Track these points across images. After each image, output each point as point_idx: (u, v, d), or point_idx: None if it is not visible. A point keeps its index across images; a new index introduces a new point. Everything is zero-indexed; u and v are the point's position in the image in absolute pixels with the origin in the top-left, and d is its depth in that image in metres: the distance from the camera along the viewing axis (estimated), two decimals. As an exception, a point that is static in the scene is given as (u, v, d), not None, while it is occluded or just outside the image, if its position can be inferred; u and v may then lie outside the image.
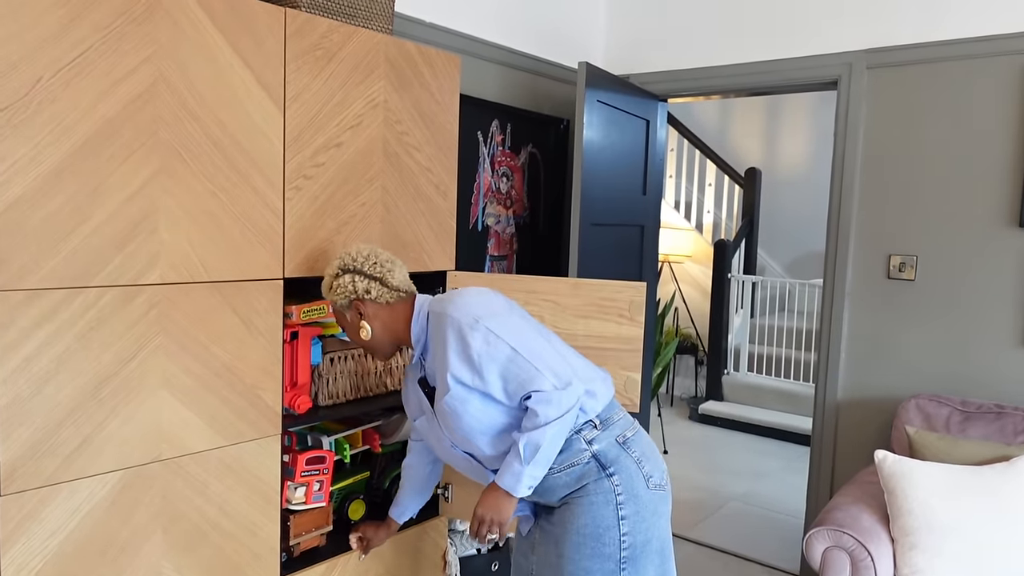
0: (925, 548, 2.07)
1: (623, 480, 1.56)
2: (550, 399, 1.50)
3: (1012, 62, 2.56)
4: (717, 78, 3.21)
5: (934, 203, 2.74)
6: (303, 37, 1.83)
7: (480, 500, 1.58)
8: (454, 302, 1.61)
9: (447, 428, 1.66)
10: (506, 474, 1.54)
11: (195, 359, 1.69)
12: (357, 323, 1.73)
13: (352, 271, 1.71)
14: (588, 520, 1.55)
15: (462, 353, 1.55)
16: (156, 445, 1.64)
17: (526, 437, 1.51)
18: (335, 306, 1.75)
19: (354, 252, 1.74)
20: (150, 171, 1.58)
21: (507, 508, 1.54)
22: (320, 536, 2.09)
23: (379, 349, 1.77)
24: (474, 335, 1.54)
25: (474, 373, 1.55)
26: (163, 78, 1.58)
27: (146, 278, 1.59)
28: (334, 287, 1.72)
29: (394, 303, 1.73)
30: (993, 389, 2.64)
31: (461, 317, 1.57)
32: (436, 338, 1.62)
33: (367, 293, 1.70)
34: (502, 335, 1.54)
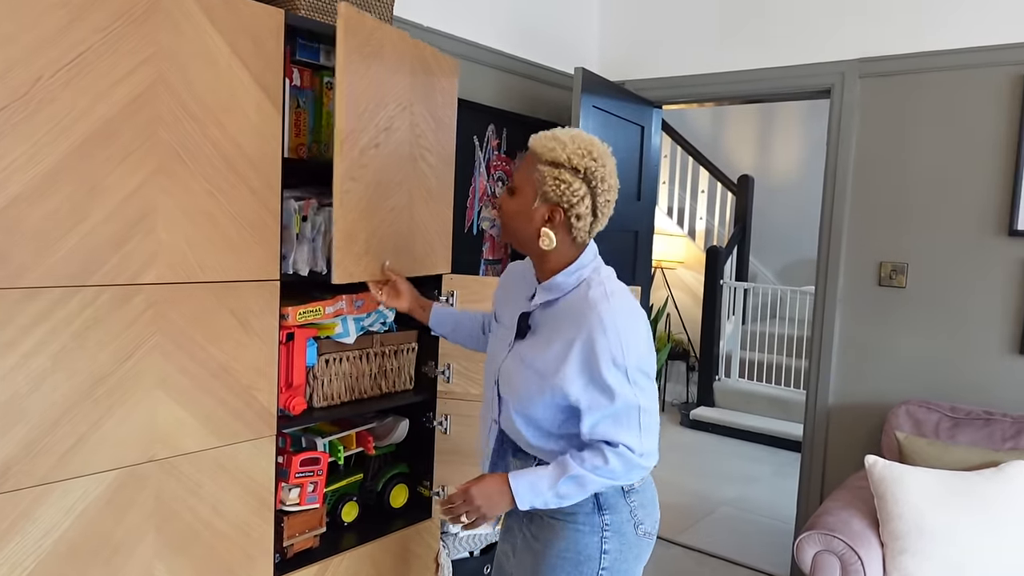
0: (914, 552, 2.09)
1: (613, 520, 1.50)
2: (631, 463, 1.41)
3: (1002, 72, 2.59)
4: (711, 85, 3.24)
5: (925, 211, 2.77)
6: (354, 33, 1.79)
7: (480, 484, 1.46)
8: (613, 322, 1.38)
9: (509, 377, 1.52)
10: (526, 484, 1.43)
11: (191, 359, 1.69)
12: (540, 221, 1.45)
13: (589, 186, 1.42)
14: (570, 545, 1.50)
15: (593, 377, 1.39)
16: (151, 445, 1.64)
17: (578, 471, 1.40)
18: (538, 181, 1.43)
19: (599, 166, 1.43)
20: (148, 171, 1.58)
21: (501, 508, 1.45)
22: (314, 537, 2.09)
23: (519, 241, 1.51)
24: (619, 376, 1.38)
25: (593, 398, 1.39)
26: (162, 79, 1.58)
27: (143, 278, 1.59)
28: (559, 175, 1.41)
29: (576, 242, 1.48)
30: (982, 395, 2.66)
31: (620, 352, 1.38)
32: (574, 323, 1.41)
33: (577, 219, 1.44)
34: (639, 390, 1.40)
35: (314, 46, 1.99)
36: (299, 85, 1.98)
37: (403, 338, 2.36)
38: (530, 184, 1.45)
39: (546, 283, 1.50)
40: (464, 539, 2.51)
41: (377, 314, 2.25)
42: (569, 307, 1.45)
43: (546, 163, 1.43)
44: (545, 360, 1.44)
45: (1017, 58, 2.55)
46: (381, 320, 2.28)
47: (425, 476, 2.42)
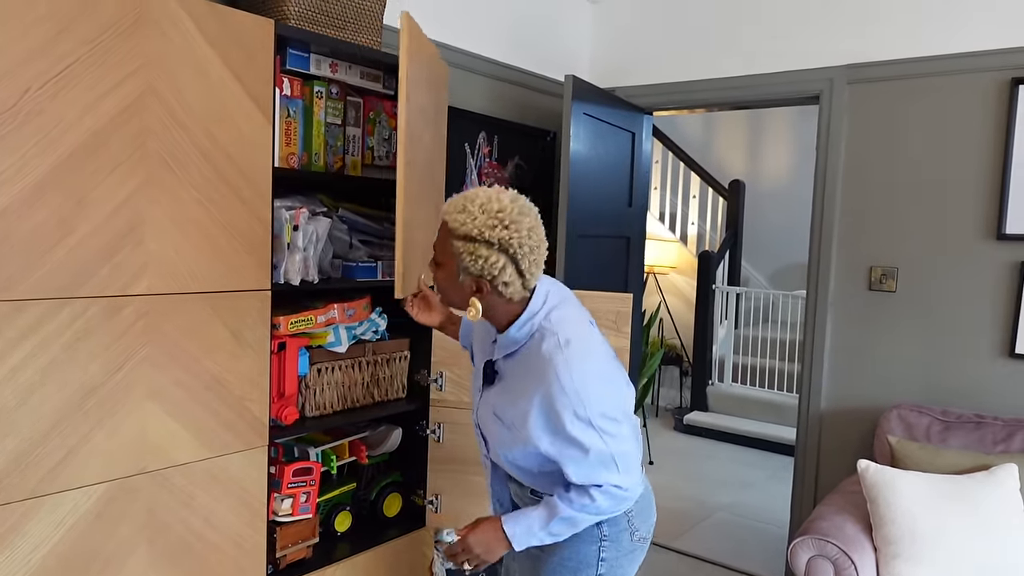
0: (908, 557, 2.09)
1: (611, 528, 1.52)
2: (617, 498, 1.43)
3: (989, 78, 2.61)
4: (702, 92, 3.25)
5: (914, 216, 2.78)
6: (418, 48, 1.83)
7: (477, 531, 1.48)
8: (568, 376, 1.35)
9: (484, 423, 1.54)
10: (520, 526, 1.45)
11: (182, 370, 1.68)
12: (467, 294, 1.43)
13: (506, 253, 1.36)
14: (571, 554, 1.52)
15: (558, 432, 1.38)
16: (142, 457, 1.63)
17: (567, 512, 1.42)
18: (456, 255, 1.39)
19: (514, 233, 1.36)
20: (137, 182, 1.58)
21: (499, 552, 1.47)
22: (307, 548, 2.08)
23: (458, 308, 1.50)
24: (584, 428, 1.37)
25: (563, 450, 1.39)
26: (151, 90, 1.58)
27: (133, 289, 1.59)
28: (475, 251, 1.36)
29: (516, 300, 1.44)
30: (973, 399, 2.67)
31: (581, 405, 1.35)
32: (533, 379, 1.39)
33: (504, 285, 1.39)
34: (609, 437, 1.39)
35: (304, 55, 1.99)
36: (289, 94, 1.98)
37: (395, 346, 2.36)
38: (450, 258, 1.41)
39: (501, 337, 1.48)
40: (458, 548, 2.50)
41: (369, 323, 2.25)
42: (527, 360, 1.43)
43: (459, 238, 1.38)
44: (512, 415, 1.44)
45: (1004, 63, 2.57)
46: (373, 329, 2.28)
47: (419, 485, 2.42)
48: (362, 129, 2.18)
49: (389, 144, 2.26)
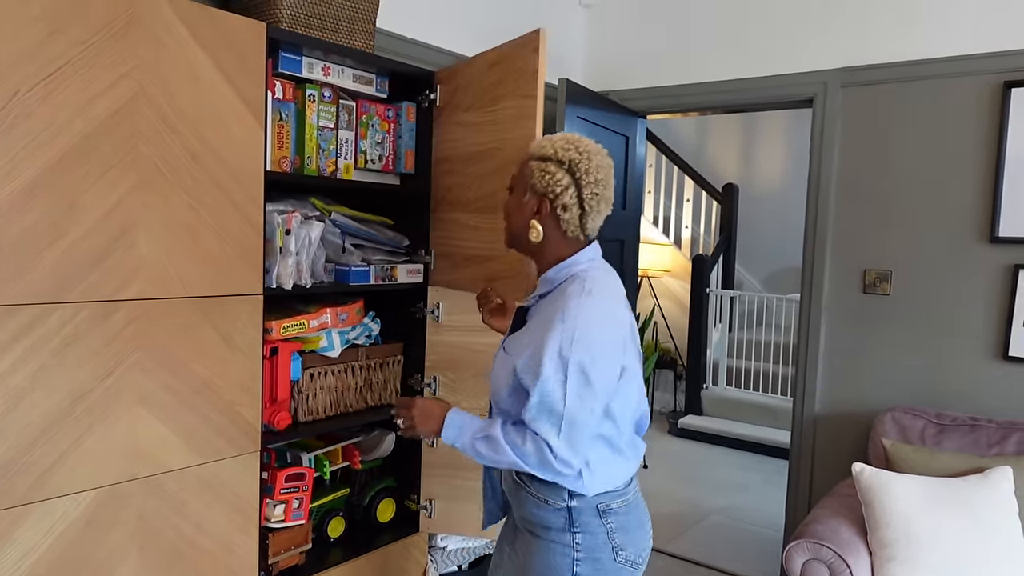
0: (903, 560, 2.09)
1: (585, 541, 1.45)
2: (545, 459, 1.37)
3: (983, 81, 2.62)
4: (695, 95, 3.25)
5: (908, 219, 2.79)
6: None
7: (426, 402, 1.53)
8: (575, 315, 1.37)
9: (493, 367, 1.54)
10: (458, 420, 1.47)
11: (173, 375, 1.67)
12: (529, 213, 1.48)
13: (573, 177, 1.44)
14: (541, 562, 1.46)
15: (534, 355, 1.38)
16: (132, 463, 1.61)
17: (496, 433, 1.41)
18: (528, 175, 1.48)
19: (584, 160, 1.44)
20: (128, 185, 1.56)
21: (429, 428, 1.50)
22: (299, 554, 2.06)
23: (517, 239, 1.54)
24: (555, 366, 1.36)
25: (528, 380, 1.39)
26: (143, 92, 1.57)
27: (124, 293, 1.57)
28: (545, 168, 1.45)
29: (568, 237, 1.49)
30: (967, 402, 2.67)
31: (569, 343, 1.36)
32: (549, 311, 1.42)
33: (563, 209, 1.45)
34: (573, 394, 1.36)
35: (296, 58, 1.98)
36: (281, 98, 1.97)
37: (388, 351, 2.35)
38: (522, 179, 1.51)
39: (542, 276, 1.52)
40: (452, 553, 2.49)
41: (362, 327, 2.24)
42: (552, 300, 1.46)
43: (535, 158, 1.49)
44: (518, 345, 1.46)
45: (997, 66, 2.58)
46: (366, 333, 2.27)
47: (412, 490, 2.40)
48: (355, 132, 2.17)
49: (382, 147, 2.25)
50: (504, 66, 1.95)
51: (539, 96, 1.84)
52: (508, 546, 1.63)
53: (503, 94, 1.96)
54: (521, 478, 1.50)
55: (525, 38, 1.88)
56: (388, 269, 2.20)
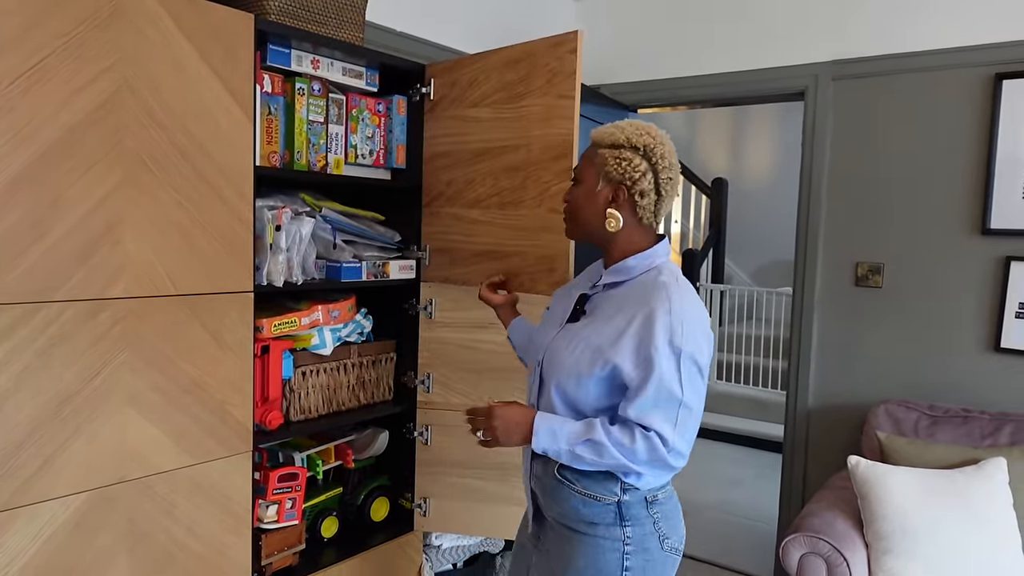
0: (899, 553, 2.09)
1: (635, 533, 1.42)
2: (657, 454, 1.34)
3: (974, 73, 2.62)
4: (687, 88, 3.24)
5: (899, 211, 2.79)
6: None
7: (507, 408, 1.44)
8: (681, 306, 1.36)
9: (555, 353, 1.48)
10: (547, 427, 1.40)
11: (162, 375, 1.64)
12: (604, 203, 1.47)
13: (649, 162, 1.44)
14: (589, 563, 1.42)
15: (644, 353, 1.35)
16: (121, 465, 1.58)
17: (600, 437, 1.35)
18: (599, 164, 1.47)
19: (658, 145, 1.45)
20: (114, 181, 1.53)
21: (516, 437, 1.42)
22: (293, 555, 2.03)
23: (586, 231, 1.51)
24: (669, 358, 1.34)
25: (638, 374, 1.35)
26: (128, 85, 1.53)
27: (110, 292, 1.54)
28: (619, 154, 1.44)
29: (644, 224, 1.48)
30: (959, 393, 2.68)
31: (680, 334, 1.34)
32: (640, 300, 1.39)
33: (640, 196, 1.44)
34: (686, 383, 1.35)
35: (285, 51, 1.95)
36: (270, 91, 1.93)
37: (381, 348, 2.32)
38: (592, 169, 1.48)
39: (616, 265, 1.49)
40: (447, 551, 2.46)
41: (354, 324, 2.21)
42: (637, 287, 1.44)
43: (606, 146, 1.47)
44: (603, 334, 1.41)
45: (988, 59, 2.58)
46: (358, 330, 2.24)
47: (406, 488, 2.38)
48: (345, 127, 2.14)
49: (372, 142, 2.22)
50: (529, 64, 1.94)
51: (577, 96, 1.84)
52: (534, 548, 1.59)
53: (527, 92, 1.95)
54: (565, 475, 1.46)
55: (559, 39, 1.88)
56: (380, 265, 2.17)
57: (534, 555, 1.59)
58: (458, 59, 2.15)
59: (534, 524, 1.60)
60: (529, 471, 1.56)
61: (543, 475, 1.51)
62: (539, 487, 1.53)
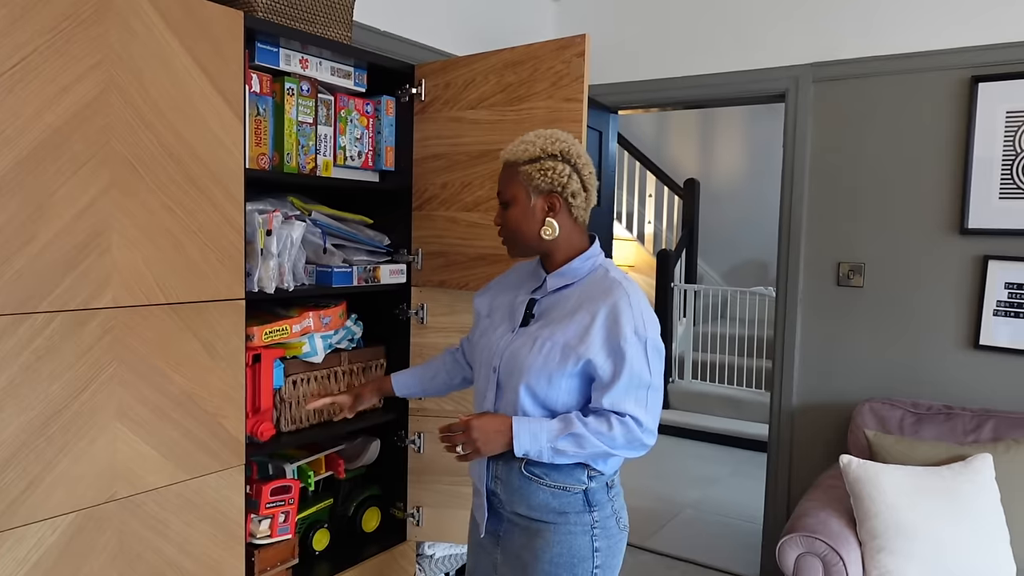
0: (893, 550, 2.11)
1: (601, 518, 1.51)
2: (633, 435, 1.43)
3: (951, 76, 2.66)
4: (668, 90, 3.24)
5: (879, 212, 2.82)
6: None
7: (483, 419, 1.46)
8: (637, 299, 1.46)
9: (515, 356, 1.50)
10: (527, 430, 1.43)
11: (153, 388, 1.56)
12: (541, 215, 1.51)
13: (571, 165, 1.51)
14: (564, 550, 1.48)
15: (613, 346, 1.42)
16: (111, 483, 1.51)
17: (580, 429, 1.41)
18: (525, 181, 1.51)
19: (571, 146, 1.52)
20: (101, 185, 1.45)
21: (497, 447, 1.45)
22: (286, 570, 1.97)
23: (531, 246, 1.55)
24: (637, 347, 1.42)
25: (610, 364, 1.42)
26: (114, 84, 1.46)
27: (98, 301, 1.46)
28: (542, 166, 1.49)
29: (579, 225, 1.56)
30: (940, 391, 2.72)
31: (642, 324, 1.44)
32: (598, 297, 1.46)
33: (573, 196, 1.51)
34: (652, 367, 1.45)
35: (274, 50, 1.88)
36: (258, 91, 1.87)
37: (371, 354, 2.27)
38: (519, 187, 1.53)
39: (560, 270, 1.55)
40: (440, 560, 2.42)
41: (345, 330, 2.15)
42: (589, 286, 1.51)
43: (525, 163, 1.51)
44: (568, 332, 1.46)
45: (965, 61, 2.62)
46: (349, 337, 2.18)
47: (398, 498, 2.33)
48: (333, 128, 2.08)
49: (361, 144, 2.16)
50: (532, 67, 1.92)
51: (585, 100, 1.84)
52: (497, 547, 1.60)
53: (529, 95, 1.93)
54: (533, 471, 1.49)
55: (564, 42, 1.87)
56: (371, 270, 2.12)
57: (497, 553, 1.60)
58: (451, 60, 2.10)
59: (489, 523, 1.62)
60: (487, 474, 1.57)
61: (507, 475, 1.53)
62: (502, 487, 1.55)
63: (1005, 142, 2.57)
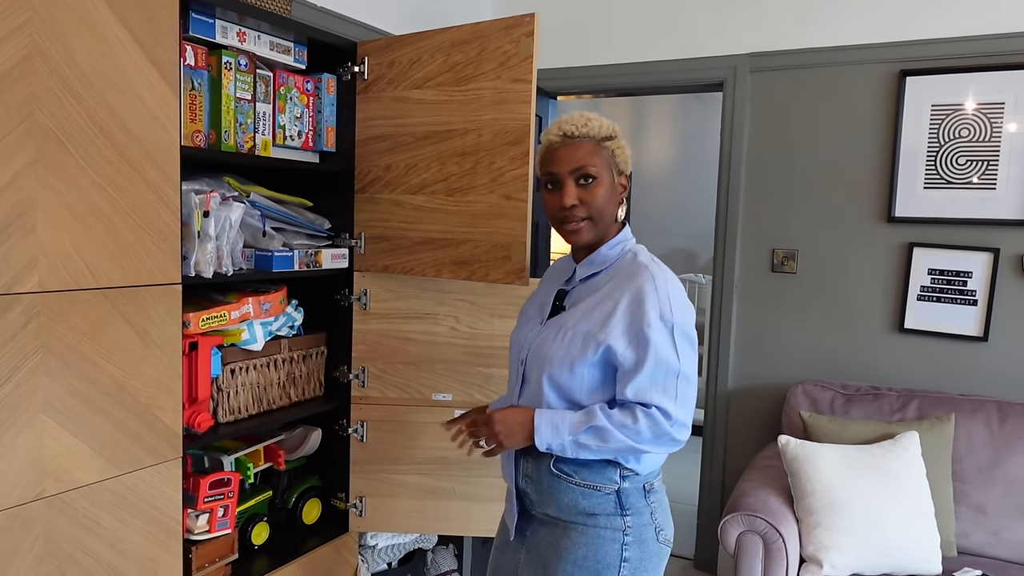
0: (828, 526, 2.18)
1: (635, 524, 1.42)
2: (661, 429, 1.34)
3: (881, 69, 2.76)
4: (607, 77, 3.25)
5: (812, 200, 2.91)
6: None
7: (506, 414, 1.42)
8: (665, 282, 1.39)
9: (540, 347, 1.45)
10: (548, 422, 1.38)
11: (82, 378, 1.46)
12: (621, 195, 1.49)
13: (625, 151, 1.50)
14: (589, 552, 1.40)
15: (637, 332, 1.36)
16: (37, 480, 1.40)
17: (603, 422, 1.34)
18: (609, 158, 1.46)
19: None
20: (24, 160, 1.34)
21: (519, 438, 1.41)
22: (225, 566, 1.89)
23: (608, 229, 1.48)
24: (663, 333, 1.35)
25: (632, 352, 1.36)
26: (38, 51, 1.35)
27: (22, 286, 1.35)
28: (618, 144, 1.47)
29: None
30: (868, 372, 2.84)
31: (669, 309, 1.36)
32: (624, 283, 1.41)
33: (628, 172, 1.51)
34: (682, 354, 1.37)
35: (209, 21, 1.78)
36: (193, 64, 1.77)
37: (311, 342, 2.19)
38: (604, 164, 1.46)
39: (589, 258, 1.51)
40: (383, 551, 2.37)
41: (285, 317, 2.07)
42: (617, 272, 1.46)
43: (603, 139, 1.47)
44: (591, 319, 1.41)
45: (894, 55, 2.72)
46: (289, 324, 2.10)
47: (340, 488, 2.27)
48: (272, 105, 1.99)
49: (301, 123, 2.08)
50: (479, 46, 1.86)
51: (534, 81, 1.79)
52: (522, 546, 1.53)
53: (476, 75, 1.87)
54: (562, 469, 1.43)
55: (512, 21, 1.80)
56: (312, 254, 2.04)
57: (521, 553, 1.54)
58: (396, 38, 2.04)
59: (519, 525, 1.55)
60: (516, 472, 1.51)
61: (537, 473, 1.47)
62: (532, 486, 1.49)
63: (930, 134, 2.68)
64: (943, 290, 2.70)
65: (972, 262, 2.66)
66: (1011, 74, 2.56)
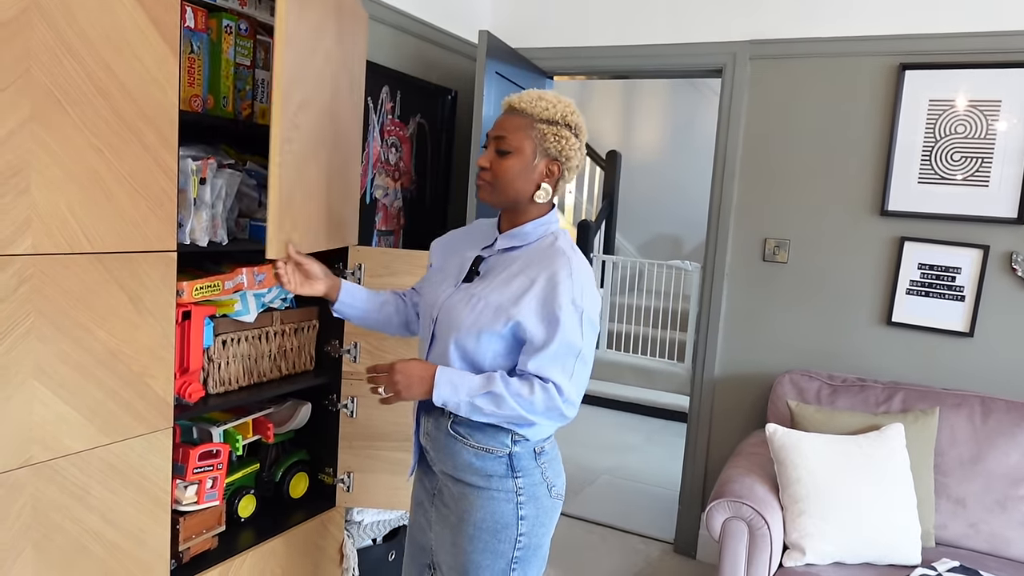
0: (812, 514, 2.21)
1: (527, 484, 1.51)
2: (553, 403, 1.42)
3: (880, 61, 2.76)
4: (606, 59, 3.22)
5: (806, 190, 2.92)
6: None
7: (408, 364, 1.46)
8: (579, 270, 1.46)
9: (451, 311, 1.50)
10: (448, 380, 1.43)
11: (74, 343, 1.43)
12: (539, 177, 1.50)
13: (579, 141, 1.52)
14: (487, 515, 1.49)
15: (548, 312, 1.42)
16: (26, 447, 1.37)
17: (500, 389, 1.40)
18: (537, 139, 1.48)
19: (582, 122, 1.52)
20: (20, 117, 1.30)
21: (418, 393, 1.45)
22: (212, 538, 1.88)
23: (513, 202, 1.52)
24: (572, 316, 1.42)
25: (543, 330, 1.42)
26: (37, 4, 1.30)
27: (15, 247, 1.32)
28: (558, 132, 1.48)
29: (552, 195, 1.54)
30: (855, 364, 2.87)
31: (580, 296, 1.44)
32: (541, 263, 1.47)
33: (568, 172, 1.52)
34: (584, 338, 1.45)
35: (211, -18, 1.74)
36: (192, 27, 1.72)
37: (303, 315, 2.17)
38: (528, 142, 1.49)
39: (512, 231, 1.55)
40: (368, 527, 2.37)
41: (278, 289, 2.04)
42: (535, 252, 1.52)
43: (543, 121, 1.49)
44: (504, 294, 1.47)
45: (893, 49, 2.72)
46: (282, 296, 2.07)
47: (327, 463, 2.26)
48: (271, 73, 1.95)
49: (300, 92, 2.03)
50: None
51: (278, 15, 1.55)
52: (435, 504, 1.60)
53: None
54: (458, 430, 1.50)
55: None
56: (308, 226, 2.01)
57: (432, 511, 1.61)
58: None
59: (426, 479, 1.63)
60: (417, 429, 1.60)
61: (435, 431, 1.54)
62: (431, 443, 1.56)
63: (927, 129, 2.69)
64: (932, 285, 2.73)
65: (962, 258, 2.68)
66: (1009, 73, 2.58)
